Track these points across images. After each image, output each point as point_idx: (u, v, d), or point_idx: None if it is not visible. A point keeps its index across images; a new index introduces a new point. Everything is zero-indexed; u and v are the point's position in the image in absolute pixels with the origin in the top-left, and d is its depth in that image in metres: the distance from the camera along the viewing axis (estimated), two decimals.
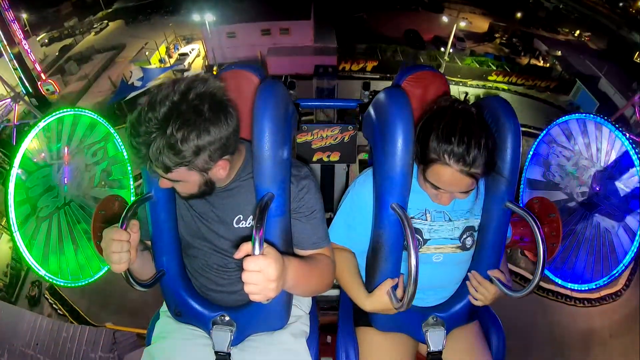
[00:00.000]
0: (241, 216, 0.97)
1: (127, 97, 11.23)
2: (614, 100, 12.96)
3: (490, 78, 14.43)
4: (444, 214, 1.04)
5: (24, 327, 4.47)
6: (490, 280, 1.04)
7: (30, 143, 3.46)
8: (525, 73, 14.72)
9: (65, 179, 3.87)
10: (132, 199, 4.03)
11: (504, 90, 11.86)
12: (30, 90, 11.10)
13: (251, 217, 0.96)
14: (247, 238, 0.86)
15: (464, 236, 1.05)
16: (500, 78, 14.42)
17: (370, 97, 1.49)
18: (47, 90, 11.63)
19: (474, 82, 14.24)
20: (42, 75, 11.87)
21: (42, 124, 3.56)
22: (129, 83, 11.74)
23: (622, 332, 6.84)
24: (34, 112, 5.67)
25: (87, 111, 4.15)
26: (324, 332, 1.19)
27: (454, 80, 13.93)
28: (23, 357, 4.47)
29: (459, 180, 0.90)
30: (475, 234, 1.06)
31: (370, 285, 1.03)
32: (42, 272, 3.40)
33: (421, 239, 1.03)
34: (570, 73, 14.74)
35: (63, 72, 13.91)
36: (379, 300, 0.98)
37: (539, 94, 14.16)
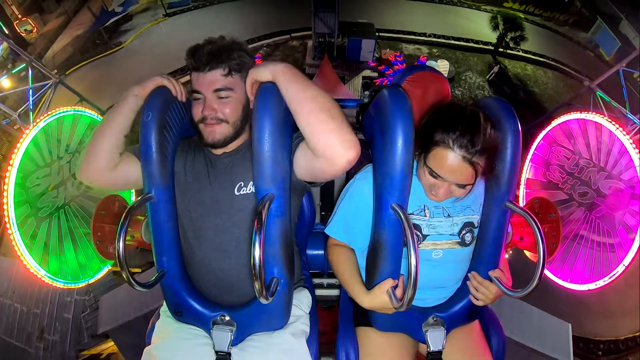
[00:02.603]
0: (242, 183, 1.00)
1: (107, 23, 11.11)
2: (634, 43, 11.89)
3: (505, 4, 13.23)
4: (443, 209, 1.04)
5: (1, 274, 4.45)
6: (490, 280, 1.04)
7: (30, 143, 3.45)
8: (543, 3, 13.52)
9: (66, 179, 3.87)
10: (132, 199, 4.04)
11: (520, 18, 11.03)
12: (7, 32, 10.51)
13: (251, 182, 0.98)
14: (249, 206, 0.97)
15: (463, 232, 1.05)
16: (516, 5, 13.32)
17: (370, 97, 1.49)
18: (25, 30, 11.17)
19: (488, 7, 13.07)
20: (18, 14, 11.26)
21: (42, 124, 3.56)
22: (110, 10, 11.45)
23: None
24: (16, 51, 5.43)
25: (87, 111, 4.15)
26: (324, 332, 1.19)
27: (466, 3, 13.04)
28: (2, 308, 4.48)
29: (460, 168, 0.90)
30: (475, 230, 1.06)
31: (370, 285, 1.03)
32: (42, 272, 3.40)
33: (420, 235, 1.03)
34: (589, 10, 13.62)
35: (42, 11, 13.01)
36: (377, 298, 0.98)
37: (558, 27, 13.40)
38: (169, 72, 9.49)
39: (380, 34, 10.81)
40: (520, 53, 11.29)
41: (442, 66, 10.24)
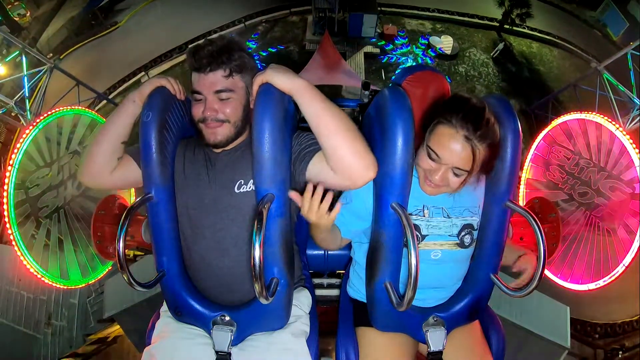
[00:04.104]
0: (242, 181, 1.00)
1: (102, 3, 10.88)
2: None
3: None
4: (443, 210, 1.04)
5: (7, 263, 4.50)
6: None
7: (30, 143, 3.46)
8: None
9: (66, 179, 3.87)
10: (132, 199, 4.04)
11: None
12: (0, 17, 10.44)
13: (251, 181, 0.98)
14: (248, 204, 0.97)
15: (462, 233, 1.05)
16: None
17: (370, 97, 1.49)
18: (18, 14, 11.01)
19: None
20: None
21: (42, 124, 3.56)
22: None
23: None
24: (9, 39, 5.49)
25: (87, 111, 4.16)
26: (324, 332, 1.19)
27: None
28: (9, 296, 4.51)
29: (459, 149, 0.90)
30: (475, 232, 1.06)
31: (370, 284, 1.03)
32: (42, 272, 3.40)
33: (419, 235, 1.03)
34: None
35: None
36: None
37: (565, 5, 12.89)
38: (166, 51, 9.34)
39: (383, 8, 10.42)
40: (526, 30, 10.94)
41: (446, 42, 10.00)
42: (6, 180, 3.23)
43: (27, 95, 5.11)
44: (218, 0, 10.93)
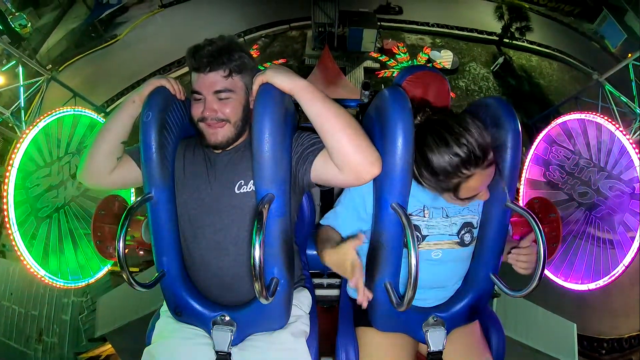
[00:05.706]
0: (242, 181, 1.00)
1: (102, 16, 11.01)
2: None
3: None
4: (442, 210, 1.04)
5: None
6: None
7: (30, 143, 3.46)
8: None
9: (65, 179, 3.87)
10: (132, 199, 4.04)
11: (525, 8, 10.63)
12: (1, 27, 10.42)
13: (252, 182, 0.98)
14: (248, 204, 0.97)
15: (462, 232, 1.05)
16: None
17: (370, 97, 1.49)
18: (20, 24, 11.04)
19: None
20: (12, 9, 11.23)
21: (42, 124, 3.56)
22: (104, 2, 11.47)
23: None
24: (9, 50, 5.45)
25: (86, 111, 4.16)
26: (324, 332, 1.19)
27: None
28: None
29: (487, 175, 0.92)
30: (475, 230, 1.06)
31: (370, 284, 1.03)
32: (42, 272, 3.40)
33: (420, 235, 1.04)
34: (595, 0, 13.29)
35: (37, 5, 12.89)
36: (338, 254, 0.92)
37: (563, 18, 13.15)
38: (165, 64, 9.32)
39: (382, 23, 10.50)
40: (526, 44, 11.04)
41: (446, 57, 10.02)
42: (6, 180, 3.24)
43: (22, 106, 5.10)
44: (218, 14, 11.01)
